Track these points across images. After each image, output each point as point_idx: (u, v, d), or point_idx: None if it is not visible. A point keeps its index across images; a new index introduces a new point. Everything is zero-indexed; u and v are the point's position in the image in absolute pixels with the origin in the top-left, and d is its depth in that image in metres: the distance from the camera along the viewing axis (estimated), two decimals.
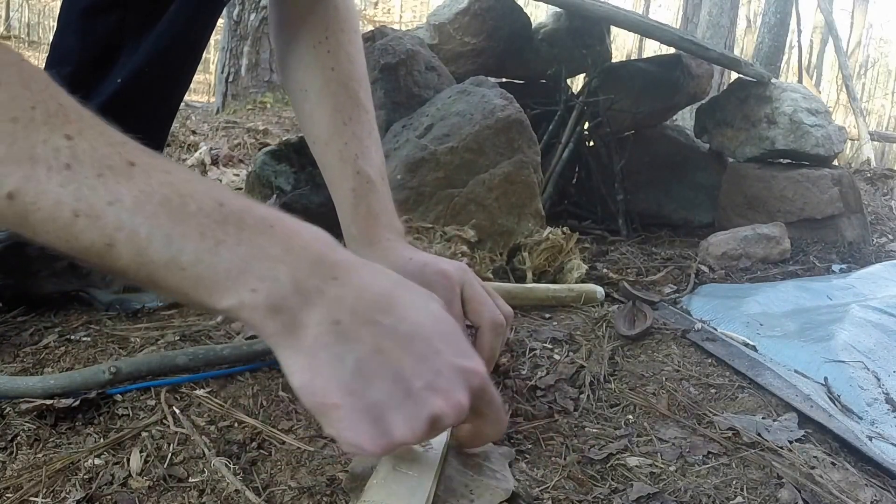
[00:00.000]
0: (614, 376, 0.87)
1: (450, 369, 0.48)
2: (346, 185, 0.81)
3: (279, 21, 0.87)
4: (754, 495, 0.63)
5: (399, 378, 0.46)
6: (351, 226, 0.81)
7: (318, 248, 0.48)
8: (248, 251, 0.44)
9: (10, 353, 0.83)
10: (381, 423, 0.45)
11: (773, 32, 5.63)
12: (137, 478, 0.58)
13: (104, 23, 0.90)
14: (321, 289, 0.46)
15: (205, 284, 0.44)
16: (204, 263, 0.43)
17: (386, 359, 0.46)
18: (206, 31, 0.99)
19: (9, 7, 10.54)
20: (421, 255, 0.76)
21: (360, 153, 0.81)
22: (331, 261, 0.48)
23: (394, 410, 0.45)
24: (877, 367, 0.95)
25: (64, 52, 0.94)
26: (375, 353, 0.46)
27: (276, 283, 0.44)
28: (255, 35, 4.41)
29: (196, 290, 0.44)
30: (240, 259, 0.44)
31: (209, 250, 0.43)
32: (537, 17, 2.24)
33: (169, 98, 1.01)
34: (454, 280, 0.70)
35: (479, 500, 0.58)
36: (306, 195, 1.46)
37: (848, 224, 1.82)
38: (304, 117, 0.86)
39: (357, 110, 0.83)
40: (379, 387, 0.45)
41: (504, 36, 1.95)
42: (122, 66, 0.91)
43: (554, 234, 1.27)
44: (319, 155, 0.86)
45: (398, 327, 0.48)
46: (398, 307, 0.49)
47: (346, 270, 0.48)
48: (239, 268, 0.44)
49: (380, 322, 0.47)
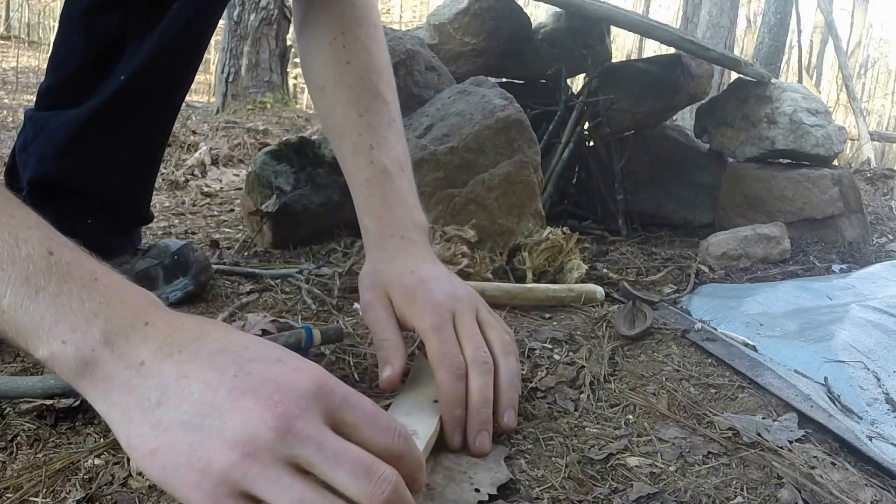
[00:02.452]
0: (614, 376, 0.87)
1: (258, 370, 0.44)
2: (360, 175, 0.79)
3: (300, 22, 0.87)
4: (754, 495, 0.63)
5: (205, 394, 0.42)
6: (364, 217, 0.80)
7: (138, 301, 0.47)
8: (65, 302, 0.44)
9: (10, 353, 0.83)
10: (196, 451, 0.41)
11: (773, 32, 5.64)
12: (137, 478, 0.58)
13: (107, 22, 0.91)
14: (129, 336, 0.44)
15: (22, 331, 0.43)
16: (22, 309, 0.43)
17: (189, 381, 0.43)
18: (208, 31, 0.99)
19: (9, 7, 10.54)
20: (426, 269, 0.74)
21: (375, 143, 0.80)
22: (147, 312, 0.46)
23: (205, 430, 0.41)
24: (877, 367, 0.95)
25: (66, 51, 0.94)
26: (179, 380, 0.43)
27: (86, 336, 0.43)
28: (255, 35, 4.41)
29: (15, 335, 0.44)
30: (56, 309, 0.43)
31: (29, 297, 0.43)
32: (537, 17, 2.24)
33: (171, 97, 1.01)
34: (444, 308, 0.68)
35: (480, 483, 0.58)
36: (306, 195, 1.46)
37: (848, 224, 1.82)
38: (323, 114, 0.86)
39: (375, 102, 0.82)
40: (186, 410, 0.42)
41: (504, 36, 1.95)
42: (125, 65, 0.91)
43: (554, 234, 1.27)
44: (337, 149, 0.84)
45: (202, 350, 0.45)
46: (208, 335, 0.46)
47: (160, 318, 0.46)
48: (54, 318, 0.43)
49: (184, 350, 0.44)
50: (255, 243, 1.45)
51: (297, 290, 1.14)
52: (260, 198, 1.45)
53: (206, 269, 1.08)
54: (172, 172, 2.34)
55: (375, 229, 0.78)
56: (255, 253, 1.41)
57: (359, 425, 0.45)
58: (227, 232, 1.67)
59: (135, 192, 1.04)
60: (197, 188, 2.25)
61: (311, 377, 0.45)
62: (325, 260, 1.36)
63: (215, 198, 2.15)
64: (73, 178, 0.95)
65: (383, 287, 0.74)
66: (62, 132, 0.93)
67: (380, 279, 0.75)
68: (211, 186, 2.30)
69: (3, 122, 3.77)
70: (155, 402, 0.42)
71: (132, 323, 0.45)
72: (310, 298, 1.09)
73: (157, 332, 0.45)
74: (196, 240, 1.56)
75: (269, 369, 0.44)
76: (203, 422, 0.41)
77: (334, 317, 1.02)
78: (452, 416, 0.64)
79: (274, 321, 0.95)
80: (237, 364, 0.44)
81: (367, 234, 0.80)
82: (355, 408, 0.46)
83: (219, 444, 0.41)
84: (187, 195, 2.16)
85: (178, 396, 0.42)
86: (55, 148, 0.93)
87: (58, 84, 0.95)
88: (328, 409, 0.44)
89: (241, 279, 1.19)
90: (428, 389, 0.70)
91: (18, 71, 6.76)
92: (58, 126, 0.93)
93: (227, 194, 2.21)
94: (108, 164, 0.97)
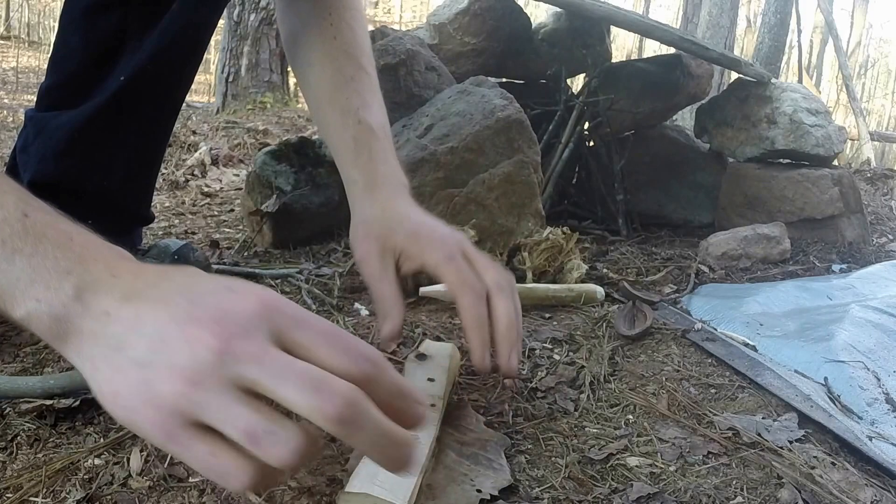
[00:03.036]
0: (614, 376, 0.87)
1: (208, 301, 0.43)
2: (348, 134, 0.80)
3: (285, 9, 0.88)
4: (754, 495, 0.63)
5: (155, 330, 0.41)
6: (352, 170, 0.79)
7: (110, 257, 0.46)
8: (40, 262, 0.44)
9: (10, 353, 0.83)
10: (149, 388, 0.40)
11: (773, 32, 5.64)
12: (137, 478, 0.58)
13: (106, 21, 0.91)
14: (97, 289, 0.44)
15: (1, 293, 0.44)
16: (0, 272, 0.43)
17: (143, 321, 0.42)
18: (208, 31, 0.99)
19: (9, 7, 10.54)
20: (419, 214, 0.75)
21: (362, 106, 0.81)
22: (116, 265, 0.46)
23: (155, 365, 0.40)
24: (877, 367, 0.95)
25: (67, 51, 0.94)
26: (134, 322, 0.42)
27: (58, 293, 0.43)
28: (255, 35, 4.41)
29: None
30: (32, 269, 0.44)
31: (6, 259, 0.43)
32: (537, 17, 2.24)
33: (171, 96, 1.01)
34: (452, 242, 0.69)
35: (481, 485, 0.58)
36: (306, 195, 1.46)
37: (848, 224, 1.82)
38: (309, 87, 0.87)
39: (359, 72, 0.84)
40: (140, 348, 0.41)
41: (504, 36, 1.95)
42: (125, 65, 0.92)
43: (554, 234, 1.26)
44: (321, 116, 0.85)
45: (158, 293, 0.44)
46: (169, 279, 0.45)
47: (127, 269, 0.46)
48: (29, 278, 0.43)
49: (142, 294, 0.44)
50: (255, 243, 1.45)
51: (297, 290, 1.14)
52: (260, 198, 1.45)
53: (206, 269, 1.08)
54: (172, 172, 2.34)
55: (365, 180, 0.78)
56: (255, 253, 1.41)
57: (313, 345, 0.42)
58: (227, 232, 1.67)
59: (135, 193, 1.04)
60: (197, 188, 2.25)
61: (258, 298, 0.43)
62: (325, 260, 1.36)
63: (215, 198, 2.15)
64: (74, 179, 0.95)
65: (380, 236, 0.73)
66: (62, 132, 0.93)
67: (375, 229, 0.74)
68: (211, 186, 2.30)
69: (3, 122, 3.77)
70: (115, 347, 0.42)
71: (102, 277, 0.45)
72: (310, 298, 1.09)
73: (121, 282, 0.45)
74: (196, 240, 1.56)
75: (218, 299, 0.43)
76: (154, 357, 0.41)
77: (334, 317, 1.02)
78: (481, 339, 0.64)
79: None
80: (188, 299, 0.43)
81: (354, 186, 0.79)
82: (308, 326, 0.43)
83: (167, 376, 0.40)
84: (187, 195, 2.16)
85: (135, 338, 0.42)
86: (56, 148, 0.94)
87: (58, 84, 0.96)
88: (277, 329, 0.42)
89: (241, 279, 1.19)
90: (426, 391, 0.70)
91: (18, 71, 6.76)
92: (58, 126, 0.94)
93: (227, 194, 2.21)
94: (108, 164, 0.97)
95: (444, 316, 1.02)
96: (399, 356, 0.87)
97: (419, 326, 0.97)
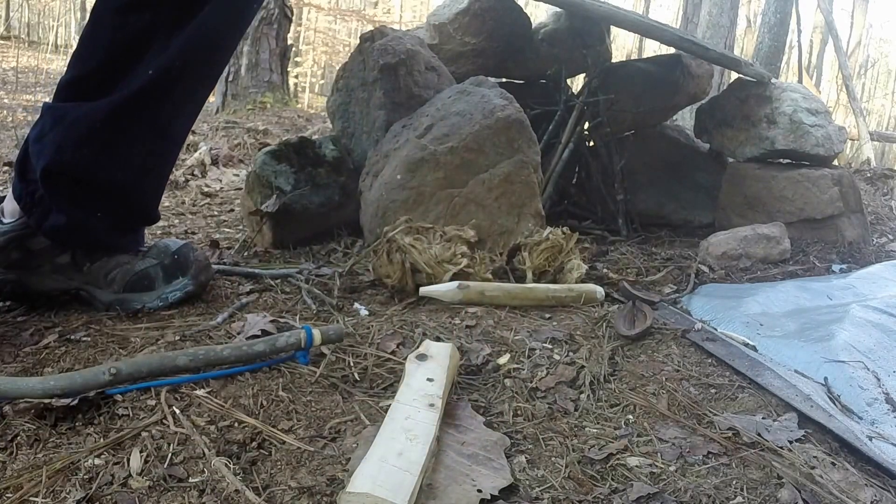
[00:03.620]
0: (614, 376, 0.87)
1: None
2: None
3: None
4: (754, 495, 0.63)
5: None
6: None
7: None
8: None
9: (10, 353, 0.83)
10: None
11: (773, 32, 5.63)
12: (137, 478, 0.58)
13: (136, 20, 0.93)
14: None
15: None
16: None
17: None
18: (235, 36, 1.02)
19: (9, 7, 10.54)
20: None
21: None
22: None
23: None
24: (877, 367, 0.95)
25: (93, 46, 0.96)
26: None
27: None
28: (255, 35, 4.41)
29: None
30: None
31: None
32: (537, 17, 2.24)
33: (194, 96, 1.03)
34: None
35: (481, 485, 0.58)
36: (306, 195, 1.46)
37: (848, 224, 1.82)
38: None
39: None
40: None
41: (504, 36, 1.95)
42: (150, 62, 0.94)
43: (554, 234, 1.26)
44: None
45: None
46: None
47: None
48: None
49: None
50: (255, 243, 1.45)
51: (297, 291, 1.14)
52: (260, 198, 1.45)
53: (206, 269, 1.08)
54: (173, 172, 2.34)
55: None
56: (255, 253, 1.41)
57: None
58: (227, 232, 1.67)
59: (147, 190, 1.05)
60: (197, 188, 2.25)
61: None
62: (325, 260, 1.36)
63: (215, 198, 2.15)
64: (90, 169, 0.96)
65: None
66: (83, 123, 0.94)
67: None
68: (211, 186, 2.30)
69: (3, 122, 3.77)
70: None
71: None
72: (310, 298, 1.09)
73: None
74: (196, 240, 1.56)
75: None
76: None
77: (334, 317, 1.02)
78: None
79: (274, 321, 0.95)
80: None
81: None
82: None
83: None
84: (187, 195, 2.16)
85: None
86: (75, 138, 0.94)
87: (81, 77, 0.96)
88: None
89: (241, 279, 1.19)
90: (424, 391, 0.70)
91: (18, 71, 6.76)
92: (79, 117, 0.94)
93: (227, 194, 2.21)
94: (126, 157, 0.98)
95: (444, 316, 1.02)
96: (399, 356, 0.87)
97: (419, 326, 0.97)
